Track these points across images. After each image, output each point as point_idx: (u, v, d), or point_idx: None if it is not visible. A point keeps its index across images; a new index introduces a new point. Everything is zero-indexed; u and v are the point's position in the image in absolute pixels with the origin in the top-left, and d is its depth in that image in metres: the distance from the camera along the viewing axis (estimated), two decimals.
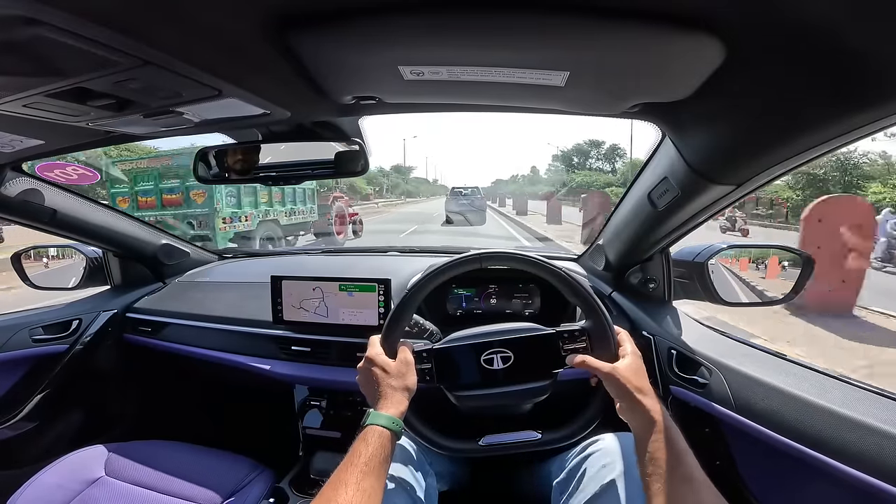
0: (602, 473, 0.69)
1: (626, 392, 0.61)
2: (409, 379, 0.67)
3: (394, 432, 0.60)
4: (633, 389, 0.61)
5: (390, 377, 0.66)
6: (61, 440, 1.24)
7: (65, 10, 0.35)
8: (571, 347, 0.71)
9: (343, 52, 0.47)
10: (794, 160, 0.57)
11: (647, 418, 0.58)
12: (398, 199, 46.23)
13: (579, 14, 0.39)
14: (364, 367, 0.69)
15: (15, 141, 0.75)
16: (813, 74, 0.43)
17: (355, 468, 0.55)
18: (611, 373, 0.63)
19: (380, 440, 0.58)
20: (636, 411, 0.60)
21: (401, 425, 0.63)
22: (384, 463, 0.58)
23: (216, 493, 0.91)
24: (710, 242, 0.99)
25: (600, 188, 31.08)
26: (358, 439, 0.59)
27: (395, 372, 0.66)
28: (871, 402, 0.63)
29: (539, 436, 0.73)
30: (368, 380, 0.68)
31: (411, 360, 0.69)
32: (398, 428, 0.62)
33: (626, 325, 1.02)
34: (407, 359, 0.69)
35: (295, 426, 1.26)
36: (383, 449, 0.58)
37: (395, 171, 66.53)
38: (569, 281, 0.72)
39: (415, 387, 0.67)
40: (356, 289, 1.05)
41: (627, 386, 0.61)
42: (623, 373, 0.62)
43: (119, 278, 1.38)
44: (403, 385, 0.66)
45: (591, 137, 39.59)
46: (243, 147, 0.89)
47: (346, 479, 0.54)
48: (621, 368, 0.63)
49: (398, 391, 0.65)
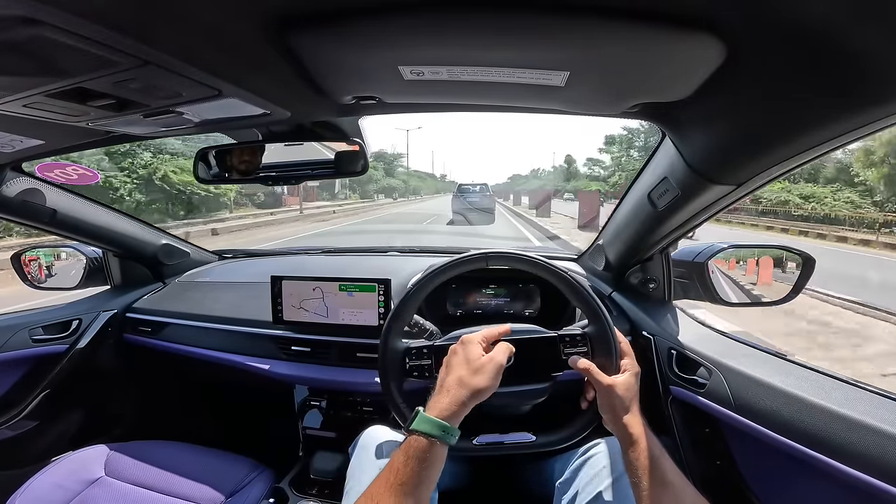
0: (603, 474, 0.70)
1: (613, 408, 0.62)
2: (490, 382, 0.58)
3: (440, 441, 0.52)
4: (619, 408, 0.62)
5: (467, 367, 0.58)
6: (61, 440, 1.25)
7: (65, 10, 0.35)
8: (572, 351, 0.71)
9: (343, 52, 0.47)
10: (795, 160, 0.58)
11: (626, 433, 0.60)
12: (385, 200, 32.30)
13: (579, 14, 0.39)
14: (452, 348, 0.63)
15: (15, 141, 0.75)
16: (813, 74, 0.43)
17: (388, 488, 0.49)
18: (610, 386, 0.63)
19: (421, 453, 0.51)
20: (618, 425, 0.61)
21: (452, 432, 0.54)
22: (424, 483, 0.50)
23: (216, 493, 0.91)
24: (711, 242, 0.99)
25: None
26: (400, 447, 0.53)
27: (475, 365, 0.59)
28: (871, 402, 0.63)
29: (534, 438, 0.73)
30: (447, 364, 0.62)
31: (503, 364, 0.61)
32: (449, 438, 0.53)
33: (625, 325, 1.02)
34: (500, 361, 0.60)
35: (295, 426, 1.26)
36: (420, 463, 0.50)
37: (376, 159, 39.51)
38: (572, 284, 0.72)
39: (487, 392, 0.58)
40: (356, 289, 1.05)
41: (616, 404, 0.62)
42: (618, 390, 0.63)
43: (119, 278, 1.38)
44: (474, 387, 0.57)
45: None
46: (243, 147, 0.89)
47: (377, 496, 0.49)
48: (619, 384, 0.63)
49: (464, 389, 0.56)
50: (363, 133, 0.85)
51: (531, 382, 0.73)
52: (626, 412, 0.61)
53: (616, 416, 0.62)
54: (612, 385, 0.63)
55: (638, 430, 0.60)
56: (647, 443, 0.59)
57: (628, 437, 0.60)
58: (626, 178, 28.44)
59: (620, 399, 0.62)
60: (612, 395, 0.62)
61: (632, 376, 0.65)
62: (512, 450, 0.74)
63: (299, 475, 1.16)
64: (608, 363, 0.67)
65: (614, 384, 0.63)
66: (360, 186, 29.44)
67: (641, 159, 11.26)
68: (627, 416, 0.61)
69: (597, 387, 0.65)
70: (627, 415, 0.61)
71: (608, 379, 0.64)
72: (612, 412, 0.62)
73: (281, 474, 1.13)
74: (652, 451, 0.58)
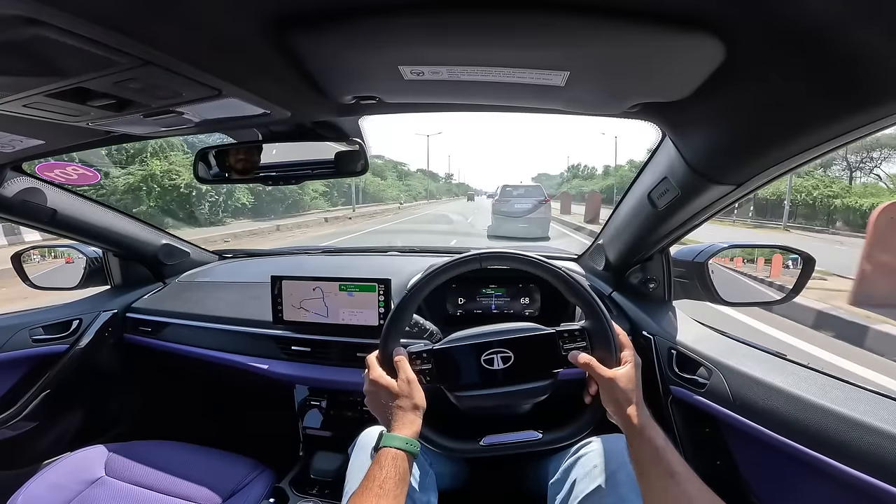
0: (593, 473, 0.71)
1: (616, 400, 0.63)
2: (417, 397, 0.66)
3: (409, 453, 0.60)
4: (622, 400, 0.62)
5: (398, 398, 0.65)
6: (61, 440, 1.25)
7: (65, 10, 0.35)
8: (572, 347, 0.71)
9: (343, 52, 0.47)
10: (795, 160, 0.57)
11: (630, 424, 0.60)
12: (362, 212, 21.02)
13: (579, 14, 0.39)
14: (370, 391, 0.68)
15: (15, 141, 0.75)
16: (813, 74, 0.43)
17: (370, 493, 0.55)
18: (611, 380, 0.63)
19: (394, 462, 0.58)
20: (622, 417, 0.62)
21: (416, 445, 0.62)
22: (400, 484, 0.57)
23: (216, 493, 0.91)
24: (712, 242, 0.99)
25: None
26: (373, 463, 0.59)
27: (401, 392, 0.66)
28: (871, 402, 0.63)
29: (540, 436, 0.73)
30: (377, 403, 0.68)
31: (413, 377, 0.68)
32: (413, 448, 0.61)
33: (626, 325, 1.02)
34: (409, 377, 0.67)
35: (295, 426, 1.26)
36: (397, 470, 0.58)
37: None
38: (569, 281, 0.72)
39: (424, 403, 0.67)
40: (356, 289, 1.05)
41: (619, 396, 0.62)
42: (620, 382, 0.63)
43: (119, 278, 1.38)
44: (412, 404, 0.65)
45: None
46: (243, 147, 0.89)
47: (361, 503, 0.54)
48: (620, 377, 0.63)
49: (408, 412, 0.65)
50: (363, 133, 0.85)
51: (533, 381, 0.73)
52: (629, 403, 0.62)
53: (620, 408, 0.62)
54: (613, 378, 0.63)
55: (642, 421, 0.60)
56: (651, 433, 0.59)
57: (633, 428, 0.60)
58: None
59: (623, 391, 0.62)
60: (615, 388, 0.63)
61: (632, 367, 0.65)
62: (519, 448, 0.74)
63: (299, 475, 1.16)
64: (608, 356, 0.67)
65: (615, 377, 0.63)
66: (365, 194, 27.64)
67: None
68: (631, 407, 0.61)
69: (598, 381, 0.65)
70: (631, 406, 0.61)
71: (609, 372, 0.64)
72: (616, 404, 0.62)
73: (281, 474, 1.13)
74: (657, 441, 0.58)
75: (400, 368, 0.68)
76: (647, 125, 0.67)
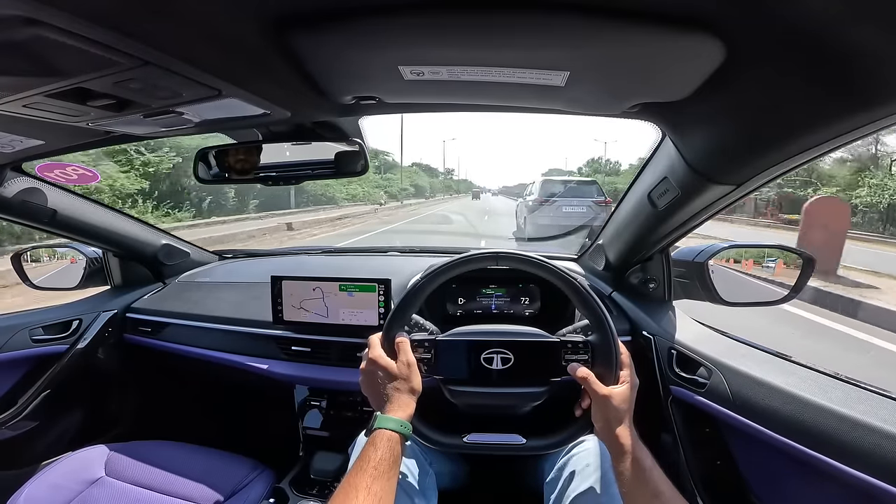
0: (586, 472, 0.72)
1: (606, 419, 0.62)
2: (414, 380, 0.66)
3: (402, 435, 0.61)
4: (612, 418, 0.62)
5: (395, 380, 0.65)
6: (61, 440, 1.24)
7: (65, 10, 0.35)
8: (573, 358, 0.71)
9: (343, 52, 0.47)
10: (795, 160, 0.57)
11: (617, 444, 0.60)
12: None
13: (580, 14, 0.39)
14: (367, 370, 0.68)
15: (15, 141, 0.75)
16: (813, 74, 0.43)
17: (365, 473, 0.55)
18: (606, 397, 0.63)
19: (389, 444, 0.58)
20: (609, 436, 0.61)
21: (409, 428, 0.63)
22: (394, 466, 0.58)
23: (216, 493, 0.91)
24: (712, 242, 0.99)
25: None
26: (367, 444, 0.59)
27: (399, 374, 0.65)
28: (871, 402, 0.63)
29: (523, 441, 0.73)
30: (372, 383, 0.67)
31: (413, 360, 0.68)
32: (407, 431, 0.62)
33: (625, 325, 1.02)
34: (409, 360, 0.67)
35: (295, 426, 1.26)
36: (392, 452, 0.58)
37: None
38: (580, 291, 0.70)
39: (420, 388, 0.67)
40: (356, 289, 1.05)
41: (611, 415, 0.62)
42: (614, 401, 0.62)
43: (119, 278, 1.38)
44: (409, 387, 0.65)
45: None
46: (243, 147, 0.89)
47: (356, 483, 0.54)
48: (615, 396, 0.63)
49: (404, 394, 0.65)
50: (363, 133, 0.85)
51: (529, 385, 0.74)
52: (618, 424, 0.61)
53: (608, 427, 0.61)
54: (608, 396, 0.62)
55: (629, 442, 0.60)
56: (638, 454, 0.59)
57: (619, 449, 0.60)
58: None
59: (615, 410, 0.61)
60: (608, 406, 0.62)
61: (629, 388, 0.65)
62: (501, 451, 0.74)
63: (299, 475, 1.16)
64: (608, 373, 0.66)
65: (611, 395, 0.63)
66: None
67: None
68: (620, 427, 0.61)
69: (593, 396, 0.64)
70: (620, 427, 0.61)
71: (605, 389, 0.63)
72: (606, 422, 0.62)
73: (281, 474, 1.13)
74: (643, 462, 0.58)
75: (401, 350, 0.68)
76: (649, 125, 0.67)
